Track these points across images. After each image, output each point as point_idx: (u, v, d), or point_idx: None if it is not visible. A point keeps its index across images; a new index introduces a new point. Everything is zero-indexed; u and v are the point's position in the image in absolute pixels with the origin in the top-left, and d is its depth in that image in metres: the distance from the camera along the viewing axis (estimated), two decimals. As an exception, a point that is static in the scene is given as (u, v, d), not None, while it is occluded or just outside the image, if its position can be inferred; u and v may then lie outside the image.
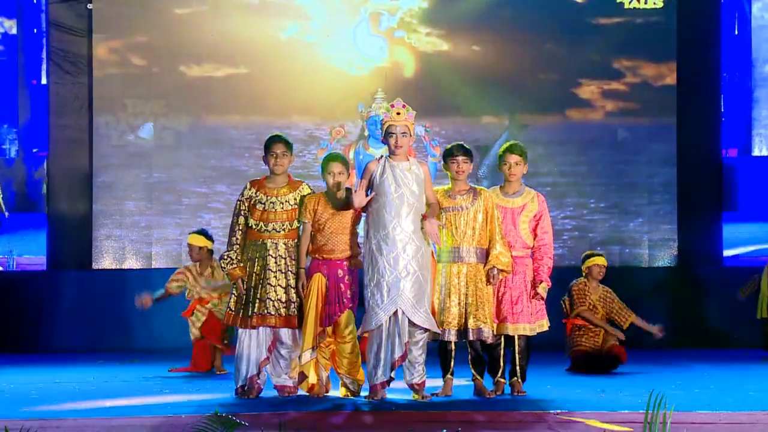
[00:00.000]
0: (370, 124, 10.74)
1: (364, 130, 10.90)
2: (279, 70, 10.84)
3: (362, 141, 10.92)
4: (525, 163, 6.98)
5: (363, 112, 10.88)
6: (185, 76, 10.78)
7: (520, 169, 6.96)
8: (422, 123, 10.65)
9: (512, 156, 6.94)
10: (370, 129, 10.77)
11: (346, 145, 10.88)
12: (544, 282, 6.89)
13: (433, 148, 10.78)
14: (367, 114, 10.83)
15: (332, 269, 6.75)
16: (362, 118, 10.87)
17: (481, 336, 6.69)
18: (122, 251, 10.65)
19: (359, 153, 10.87)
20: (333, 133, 10.88)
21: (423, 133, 10.76)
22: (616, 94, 10.90)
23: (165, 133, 10.79)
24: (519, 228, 6.90)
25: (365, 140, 10.90)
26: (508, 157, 6.95)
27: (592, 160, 10.89)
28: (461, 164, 6.79)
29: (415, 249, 6.56)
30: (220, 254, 6.93)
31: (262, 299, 6.74)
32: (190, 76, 10.78)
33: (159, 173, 10.73)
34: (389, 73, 10.86)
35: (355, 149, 10.89)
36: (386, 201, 6.59)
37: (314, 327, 6.68)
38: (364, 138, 10.90)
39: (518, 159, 6.95)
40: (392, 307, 6.51)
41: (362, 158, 10.78)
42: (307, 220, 6.78)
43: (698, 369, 8.60)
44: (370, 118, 10.74)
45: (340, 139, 10.89)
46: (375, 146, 10.69)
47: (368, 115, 10.81)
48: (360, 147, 10.90)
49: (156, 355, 9.46)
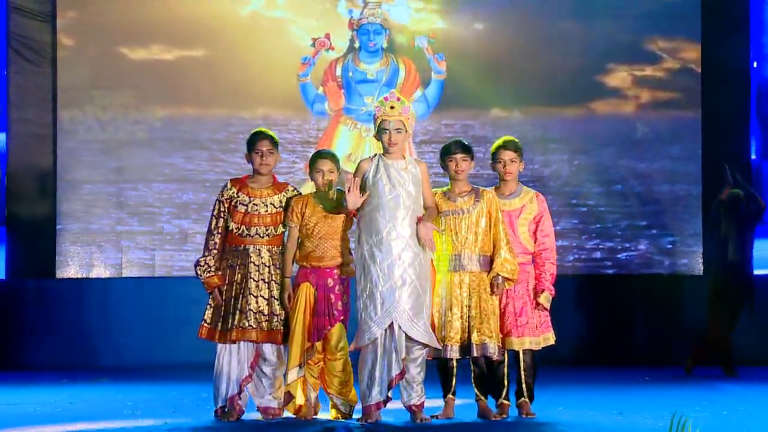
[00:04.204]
0: (361, 33, 10.32)
1: (354, 41, 10.54)
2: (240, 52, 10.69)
3: (351, 54, 10.56)
4: (521, 160, 6.96)
5: (353, 19, 10.44)
6: (161, 62, 10.73)
7: (516, 167, 6.93)
8: (425, 34, 10.42)
9: (506, 152, 6.91)
10: (362, 39, 10.38)
11: (332, 59, 10.53)
12: (547, 291, 6.87)
13: (438, 63, 10.43)
14: (357, 22, 10.41)
15: (321, 278, 6.73)
16: (352, 27, 10.48)
17: (486, 352, 6.68)
18: (89, 259, 10.62)
19: (348, 69, 10.51)
20: (316, 45, 10.46)
21: (426, 45, 10.43)
22: (650, 81, 10.78)
23: (138, 127, 10.75)
24: (518, 232, 6.88)
25: (355, 53, 10.53)
26: (501, 153, 6.92)
27: (616, 160, 10.79)
28: (460, 163, 6.77)
29: (412, 256, 6.55)
30: (195, 260, 6.90)
31: (243, 311, 6.71)
32: (166, 63, 10.73)
33: (131, 172, 10.69)
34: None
35: (343, 64, 10.54)
36: (380, 203, 6.58)
37: (301, 342, 6.66)
38: (354, 51, 10.54)
39: (513, 155, 6.91)
40: (387, 320, 6.50)
41: (352, 75, 10.44)
42: (294, 224, 6.76)
43: (726, 388, 8.59)
44: (362, 26, 10.33)
45: (324, 53, 10.53)
46: (367, 60, 10.32)
47: (359, 23, 10.38)
48: (349, 62, 10.54)
49: (125, 374, 9.44)
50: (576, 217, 10.70)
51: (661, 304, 10.24)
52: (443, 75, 10.41)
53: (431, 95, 10.61)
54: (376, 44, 10.53)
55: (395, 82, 10.56)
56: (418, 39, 10.61)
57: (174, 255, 10.55)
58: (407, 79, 10.57)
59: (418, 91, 10.62)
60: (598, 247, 10.66)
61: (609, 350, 10.40)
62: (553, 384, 8.00)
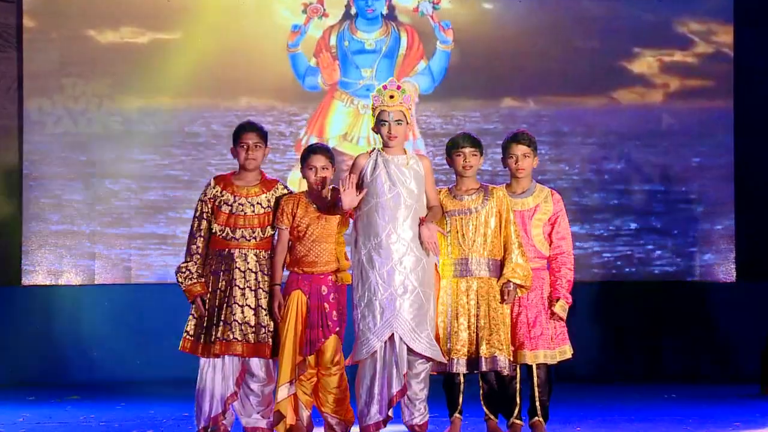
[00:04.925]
0: None
1: (350, 7, 10.57)
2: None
3: (347, 22, 10.58)
4: (535, 155, 6.98)
5: None
6: (134, 46, 10.71)
7: (529, 163, 6.94)
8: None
9: (519, 146, 6.92)
10: (358, 5, 10.38)
11: (325, 28, 10.53)
12: (563, 299, 6.87)
13: (444, 32, 10.42)
14: None
15: (314, 286, 6.72)
16: None
17: (497, 366, 6.66)
18: (58, 264, 10.60)
19: (343, 38, 10.52)
20: (309, 11, 10.44)
21: (431, 12, 10.43)
22: (678, 67, 10.82)
23: (112, 119, 10.72)
24: (531, 234, 6.89)
25: (352, 21, 10.55)
26: (513, 148, 6.93)
27: (640, 155, 10.79)
28: (468, 158, 6.77)
29: (414, 261, 6.55)
30: (176, 266, 6.88)
31: (228, 322, 6.71)
32: (138, 47, 10.71)
33: (105, 169, 10.66)
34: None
35: (338, 33, 10.54)
36: (379, 203, 6.59)
37: (292, 356, 6.65)
38: (351, 18, 10.56)
39: (526, 150, 6.92)
40: (387, 332, 6.50)
41: (348, 45, 10.45)
42: (284, 225, 6.75)
43: (763, 408, 8.58)
44: None
45: (317, 20, 10.52)
46: (365, 29, 10.33)
47: None
48: (345, 30, 10.54)
49: (99, 391, 9.43)
50: (594, 217, 10.70)
51: (689, 314, 10.25)
52: (450, 45, 10.41)
53: (436, 67, 10.59)
54: (375, 10, 10.55)
55: (396, 53, 10.57)
56: (422, 4, 10.58)
57: (152, 260, 10.54)
58: (410, 50, 10.57)
59: (421, 63, 10.61)
60: (618, 251, 10.66)
61: (630, 365, 10.43)
62: (570, 402, 8.02)
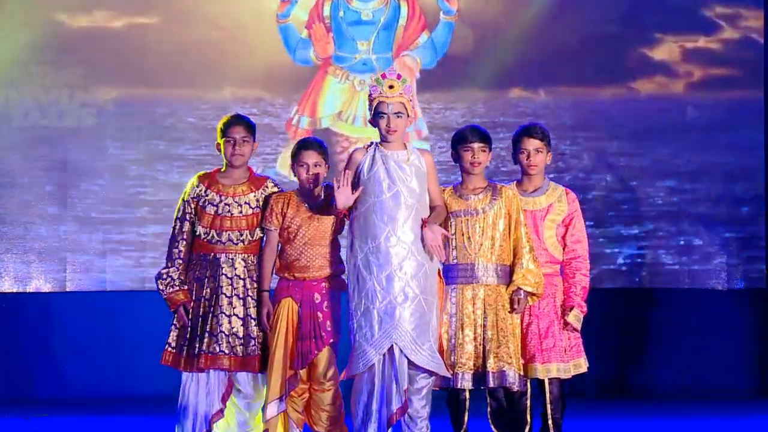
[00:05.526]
0: None
1: None
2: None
3: None
4: (548, 150, 6.97)
5: None
6: (113, 33, 10.68)
7: (542, 158, 6.94)
8: None
9: (531, 140, 6.91)
10: None
11: None
12: (577, 308, 6.87)
13: (448, 1, 10.39)
14: None
15: (306, 293, 6.73)
16: None
17: (505, 381, 6.65)
18: (27, 270, 10.58)
19: (338, 7, 10.52)
20: None
21: None
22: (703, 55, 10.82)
23: (85, 111, 10.68)
24: (544, 237, 6.88)
25: None
26: (525, 142, 6.91)
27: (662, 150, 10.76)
28: (477, 153, 6.76)
29: (415, 266, 6.53)
30: (156, 272, 6.88)
31: (213, 333, 6.71)
32: (117, 33, 10.68)
33: (76, 167, 10.63)
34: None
35: (332, 3, 10.53)
36: (377, 202, 6.57)
37: (282, 370, 6.66)
38: None
39: (539, 144, 6.91)
40: (386, 343, 6.48)
41: (343, 15, 10.47)
42: (273, 226, 6.77)
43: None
44: None
45: None
46: None
47: None
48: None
49: (70, 408, 9.43)
50: (610, 218, 10.71)
51: (714, 324, 10.26)
52: (454, 16, 10.42)
53: (439, 40, 10.58)
54: None
55: (395, 24, 10.60)
56: None
57: (129, 265, 10.50)
58: (410, 21, 10.60)
59: (423, 35, 10.62)
60: (637, 254, 10.68)
61: (650, 379, 10.42)
62: (584, 419, 8.00)
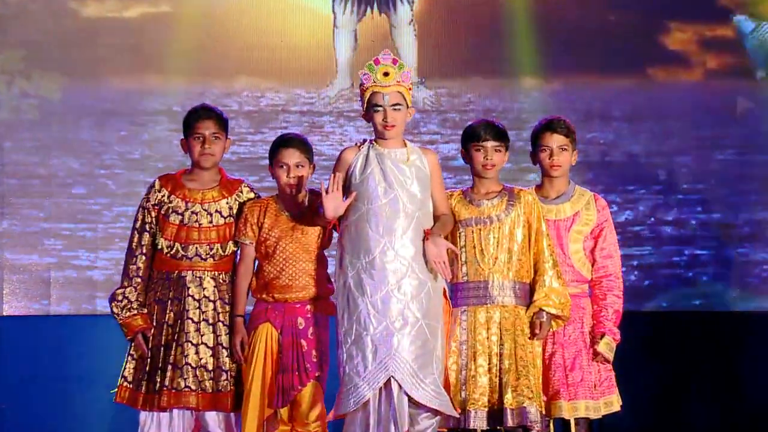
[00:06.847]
0: None
1: None
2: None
3: None
4: (574, 148, 7.01)
5: None
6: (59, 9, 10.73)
7: (567, 158, 6.98)
8: None
9: (554, 137, 6.95)
10: None
11: None
12: (609, 335, 6.91)
13: None
14: None
15: (288, 317, 6.77)
16: None
17: (526, 420, 6.65)
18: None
19: None
20: None
21: None
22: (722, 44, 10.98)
23: (26, 102, 10.68)
24: (569, 251, 6.94)
25: None
26: (547, 138, 6.96)
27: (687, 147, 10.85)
28: (491, 153, 6.80)
29: (416, 285, 6.56)
30: (110, 293, 6.90)
31: (178, 366, 6.76)
32: (80, 15, 10.74)
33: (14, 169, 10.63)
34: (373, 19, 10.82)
35: None
36: (371, 210, 6.61)
37: (260, 409, 6.71)
38: None
39: (564, 141, 6.95)
40: (382, 377, 6.51)
41: None
42: (248, 239, 6.83)
43: None
44: None
45: None
46: None
47: None
48: None
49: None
50: (630, 227, 10.73)
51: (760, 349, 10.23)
52: None
53: None
54: None
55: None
56: None
57: (77, 285, 10.49)
58: None
59: None
60: (671, 270, 10.69)
61: (692, 416, 10.40)
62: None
